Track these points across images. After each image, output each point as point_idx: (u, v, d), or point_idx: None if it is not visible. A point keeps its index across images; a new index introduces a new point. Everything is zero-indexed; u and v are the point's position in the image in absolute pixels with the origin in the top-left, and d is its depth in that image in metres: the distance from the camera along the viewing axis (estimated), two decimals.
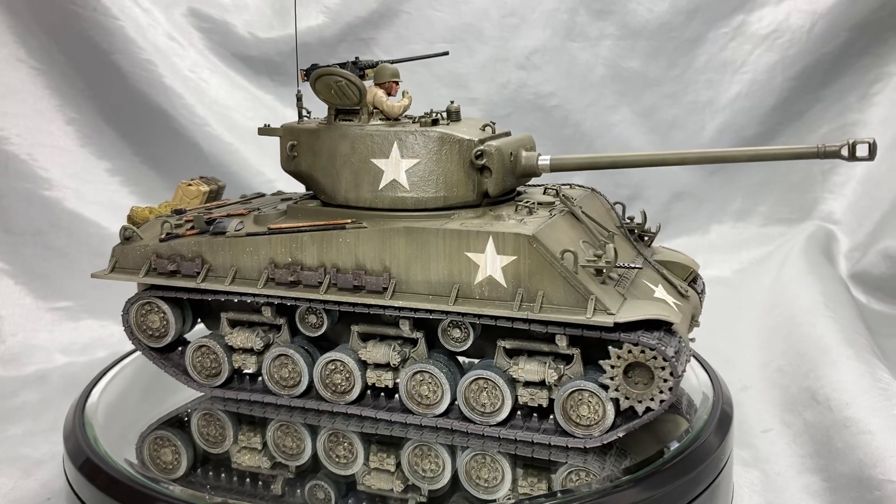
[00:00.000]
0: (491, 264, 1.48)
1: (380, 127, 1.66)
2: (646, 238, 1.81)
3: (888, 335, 2.63)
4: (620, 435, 1.48)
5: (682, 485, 1.44)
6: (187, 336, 1.92)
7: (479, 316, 1.51)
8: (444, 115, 1.72)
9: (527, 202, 1.63)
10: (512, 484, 1.46)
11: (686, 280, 1.73)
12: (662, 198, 3.41)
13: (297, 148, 1.76)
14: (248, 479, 1.53)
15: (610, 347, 1.43)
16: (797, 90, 3.30)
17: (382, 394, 1.74)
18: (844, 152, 1.44)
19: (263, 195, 2.11)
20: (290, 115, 3.19)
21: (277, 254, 1.66)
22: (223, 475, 1.55)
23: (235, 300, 1.74)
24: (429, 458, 1.57)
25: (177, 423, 1.78)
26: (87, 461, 1.52)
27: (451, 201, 1.64)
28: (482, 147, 1.61)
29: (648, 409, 1.44)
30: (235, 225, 1.73)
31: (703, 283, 1.86)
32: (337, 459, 1.59)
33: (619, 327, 1.40)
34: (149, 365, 2.08)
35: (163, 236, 1.76)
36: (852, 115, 3.31)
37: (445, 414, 1.64)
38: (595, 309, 1.40)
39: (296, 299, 1.66)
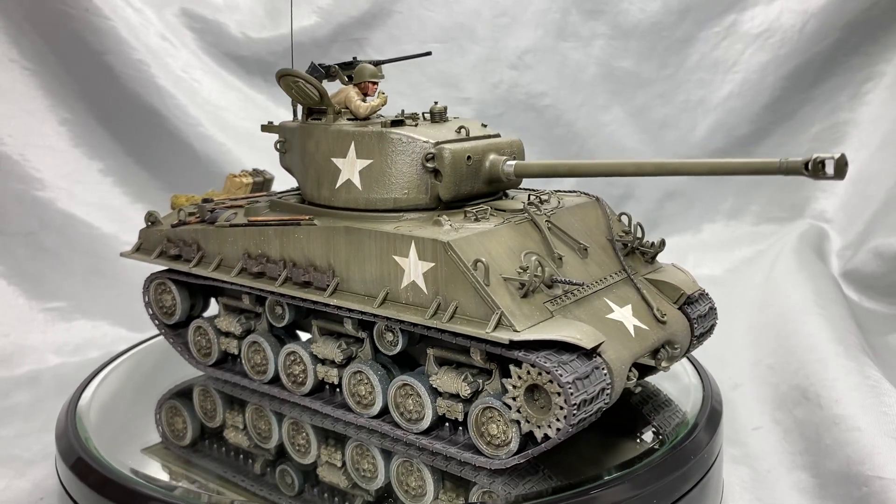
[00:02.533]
0: (414, 269, 1.45)
1: (341, 127, 1.66)
2: (645, 254, 1.70)
3: (879, 333, 2.64)
4: (520, 461, 1.41)
5: (672, 481, 1.45)
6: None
7: (399, 321, 1.49)
8: (428, 115, 1.71)
9: (478, 208, 1.57)
10: (434, 494, 1.44)
11: (677, 302, 1.63)
12: (655, 197, 3.42)
13: (285, 145, 1.81)
14: (241, 456, 1.64)
15: (511, 366, 1.37)
16: (788, 89, 3.32)
17: (338, 389, 1.76)
18: (809, 168, 1.22)
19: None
20: (283, 115, 3.21)
21: (251, 245, 1.74)
22: (223, 448, 1.67)
23: (230, 286, 1.81)
24: (367, 458, 1.58)
25: (187, 393, 1.93)
26: (78, 460, 1.53)
27: (402, 204, 1.60)
28: (433, 150, 1.57)
29: (547, 437, 1.35)
30: (228, 216, 1.81)
31: (709, 308, 1.70)
32: (297, 448, 1.65)
33: (518, 345, 1.33)
34: (140, 366, 2.11)
35: (174, 223, 1.89)
36: (843, 114, 3.33)
37: (382, 416, 1.64)
38: (498, 324, 1.34)
39: (260, 290, 1.73)
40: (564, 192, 1.80)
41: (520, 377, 1.35)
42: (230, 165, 3.09)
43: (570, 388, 1.27)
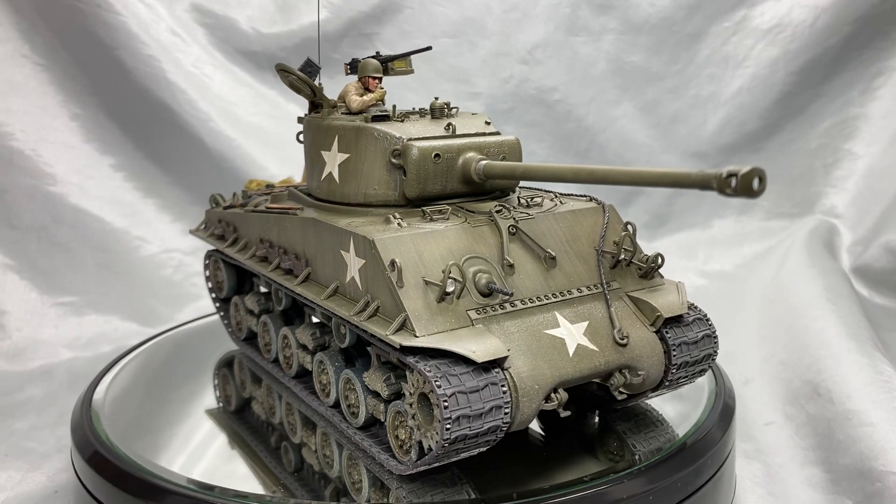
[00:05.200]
0: (353, 265, 1.44)
1: (331, 121, 1.67)
2: (641, 268, 1.54)
3: (890, 329, 2.63)
4: (412, 471, 1.37)
5: (685, 476, 1.45)
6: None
7: (333, 314, 1.50)
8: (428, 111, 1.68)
9: (436, 208, 1.52)
10: (367, 492, 1.44)
11: (654, 324, 1.48)
12: (665, 192, 3.41)
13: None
14: (269, 427, 1.76)
15: (407, 372, 1.33)
16: (799, 85, 3.31)
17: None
18: (715, 184, 1.08)
19: None
20: (293, 110, 3.22)
21: (262, 231, 1.82)
22: (257, 418, 1.82)
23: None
24: (328, 445, 1.61)
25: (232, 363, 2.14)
26: (95, 453, 1.54)
27: (372, 199, 1.59)
28: (398, 146, 1.54)
29: (431, 449, 1.29)
30: (259, 202, 1.90)
31: (704, 336, 1.53)
32: (290, 427, 1.72)
33: (412, 351, 1.28)
34: (152, 360, 2.14)
35: (226, 205, 2.02)
36: (854, 109, 3.32)
37: (338, 406, 1.66)
38: (402, 327, 1.30)
39: (261, 274, 1.81)
40: (576, 195, 1.72)
41: (413, 384, 1.31)
42: (240, 160, 3.10)
43: (445, 400, 1.21)
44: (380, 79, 1.73)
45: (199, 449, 1.67)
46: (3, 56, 2.88)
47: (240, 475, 1.56)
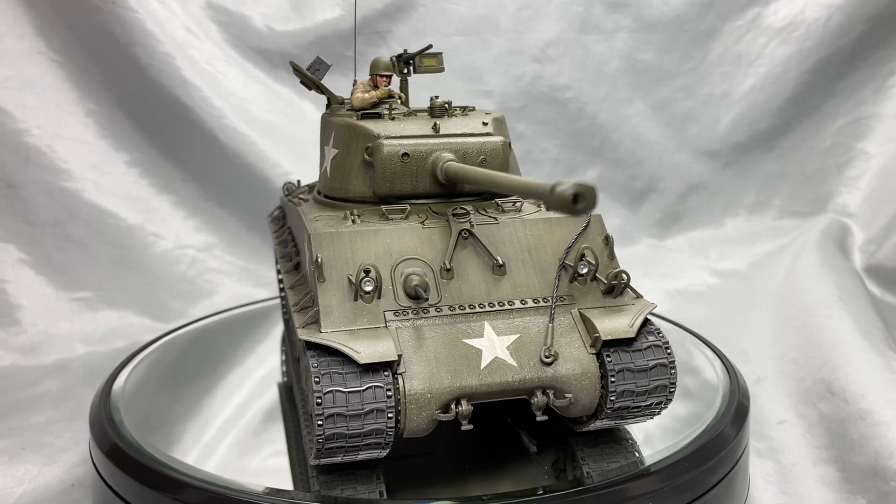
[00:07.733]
0: (308, 259, 1.45)
1: (333, 118, 1.70)
2: (601, 283, 1.42)
3: None
4: (315, 463, 1.35)
5: (699, 475, 1.45)
6: None
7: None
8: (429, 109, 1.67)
9: (394, 208, 1.51)
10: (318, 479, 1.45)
11: (592, 345, 1.35)
12: (677, 190, 3.41)
13: None
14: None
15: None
16: (812, 83, 3.30)
17: None
18: (546, 198, 1.02)
19: None
20: (307, 108, 3.23)
21: (289, 218, 1.89)
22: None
23: None
24: (307, 427, 1.62)
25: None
26: (114, 446, 1.55)
27: (351, 195, 1.60)
28: (370, 143, 1.53)
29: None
30: (300, 191, 1.98)
31: (656, 364, 1.38)
32: (296, 406, 1.76)
33: (313, 346, 1.28)
34: (169, 355, 2.15)
35: (287, 193, 2.10)
36: (867, 108, 3.31)
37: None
38: (313, 322, 1.31)
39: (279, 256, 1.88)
40: None
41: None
42: (254, 157, 3.11)
43: (319, 397, 1.21)
44: (389, 77, 1.73)
45: (212, 443, 1.68)
46: (18, 52, 2.89)
47: (251, 470, 1.56)
